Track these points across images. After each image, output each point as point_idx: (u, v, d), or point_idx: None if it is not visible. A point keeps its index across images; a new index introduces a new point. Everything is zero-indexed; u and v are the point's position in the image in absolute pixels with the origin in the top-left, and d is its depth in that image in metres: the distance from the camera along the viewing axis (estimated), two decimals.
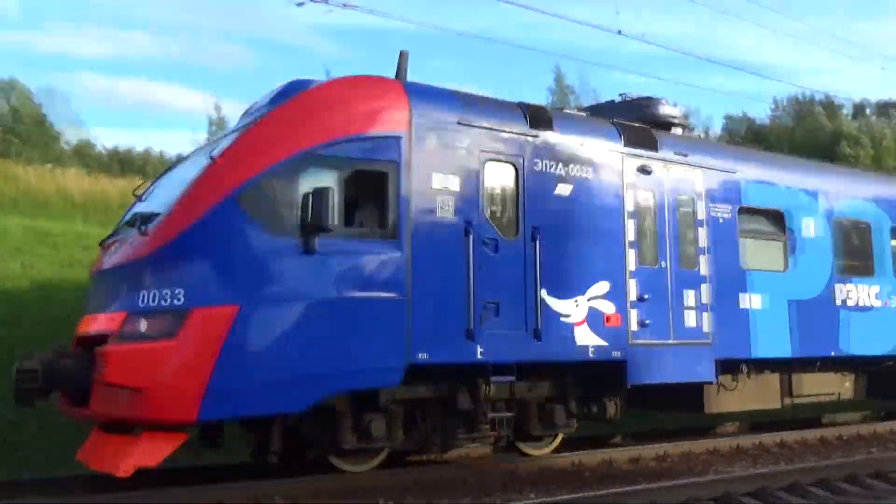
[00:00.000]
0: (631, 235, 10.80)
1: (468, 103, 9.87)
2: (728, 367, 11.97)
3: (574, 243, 10.25)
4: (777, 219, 12.71)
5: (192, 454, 9.80)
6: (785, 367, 12.86)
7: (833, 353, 13.01)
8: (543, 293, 9.84)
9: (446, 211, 9.29)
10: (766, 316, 12.06)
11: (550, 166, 10.19)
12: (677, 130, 12.50)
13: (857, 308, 13.44)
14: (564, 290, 10.06)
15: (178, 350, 7.85)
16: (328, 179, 8.69)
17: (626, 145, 10.99)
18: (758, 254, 12.36)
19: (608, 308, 10.43)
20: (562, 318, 9.98)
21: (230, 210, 8.25)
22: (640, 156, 11.11)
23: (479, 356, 9.29)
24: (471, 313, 9.23)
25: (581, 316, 10.15)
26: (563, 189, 10.27)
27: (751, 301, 11.95)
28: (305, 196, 8.40)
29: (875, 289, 13.83)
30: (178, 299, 8.03)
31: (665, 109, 12.53)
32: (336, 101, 9.11)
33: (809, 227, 13.05)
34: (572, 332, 10.05)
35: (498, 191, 9.81)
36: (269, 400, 8.13)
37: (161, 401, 7.79)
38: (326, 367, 8.36)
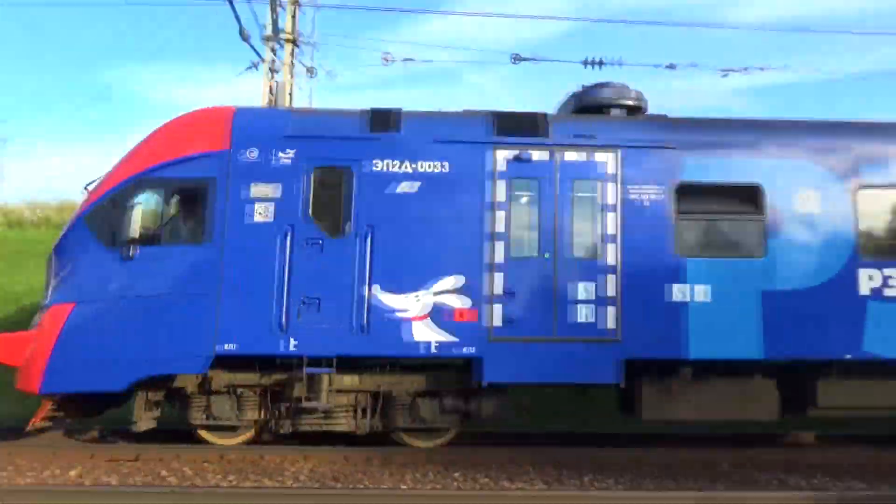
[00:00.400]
0: (497, 227, 10.41)
1: (300, 119, 10.80)
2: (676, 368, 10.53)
3: (414, 239, 10.35)
4: (749, 194, 10.55)
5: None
6: (792, 371, 10.62)
7: (850, 356, 10.28)
8: (372, 289, 10.24)
9: (264, 216, 10.38)
10: (715, 310, 10.25)
11: (392, 166, 10.51)
12: (615, 112, 11.27)
13: None
14: (399, 285, 10.28)
15: (35, 338, 10.44)
16: (154, 197, 10.60)
17: (497, 135, 10.63)
18: (709, 238, 10.51)
19: (458, 303, 10.27)
20: (392, 314, 10.21)
21: (78, 228, 10.66)
22: (517, 144, 10.59)
23: (291, 349, 10.16)
24: (283, 308, 10.18)
25: (419, 311, 10.22)
26: (407, 186, 10.47)
27: (689, 294, 10.29)
28: (126, 213, 10.42)
29: None
30: (48, 298, 10.69)
31: (604, 92, 11.39)
32: (172, 131, 10.90)
33: (808, 202, 10.52)
34: (404, 327, 10.20)
35: (325, 194, 10.49)
36: (90, 379, 10.18)
37: (25, 376, 10.47)
38: (136, 353, 10.11)
